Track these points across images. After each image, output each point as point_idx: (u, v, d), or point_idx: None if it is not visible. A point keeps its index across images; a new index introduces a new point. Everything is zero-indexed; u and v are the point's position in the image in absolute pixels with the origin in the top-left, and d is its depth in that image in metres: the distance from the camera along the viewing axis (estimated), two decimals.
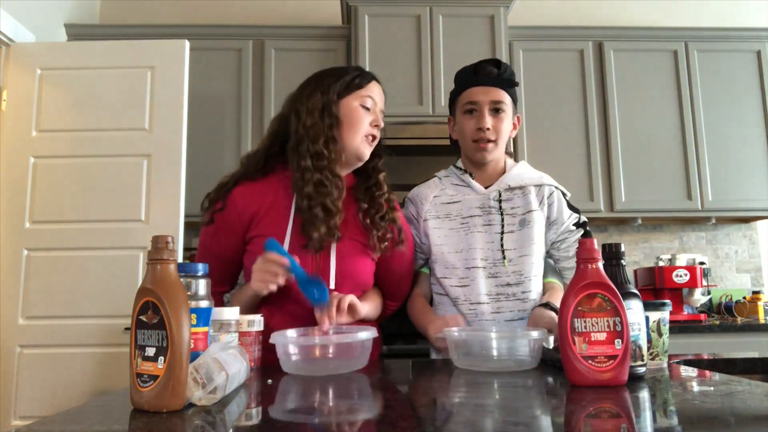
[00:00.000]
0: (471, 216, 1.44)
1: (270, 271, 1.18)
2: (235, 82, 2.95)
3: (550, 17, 3.44)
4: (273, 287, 1.19)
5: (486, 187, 1.47)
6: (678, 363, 1.20)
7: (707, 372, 1.03)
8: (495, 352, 1.07)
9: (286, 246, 1.26)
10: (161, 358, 0.72)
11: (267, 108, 2.93)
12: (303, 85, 1.37)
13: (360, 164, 1.37)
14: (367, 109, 1.33)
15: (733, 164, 3.03)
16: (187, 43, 2.59)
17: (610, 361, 0.86)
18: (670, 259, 2.76)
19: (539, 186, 1.48)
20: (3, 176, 2.48)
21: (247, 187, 1.34)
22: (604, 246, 0.99)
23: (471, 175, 1.49)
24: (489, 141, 1.42)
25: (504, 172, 1.49)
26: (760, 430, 0.62)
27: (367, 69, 2.92)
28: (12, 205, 2.46)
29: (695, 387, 0.89)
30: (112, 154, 2.49)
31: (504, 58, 2.91)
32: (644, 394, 0.82)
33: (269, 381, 0.97)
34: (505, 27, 2.96)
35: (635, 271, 2.93)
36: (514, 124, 1.49)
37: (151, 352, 0.73)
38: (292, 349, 1.05)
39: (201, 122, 2.84)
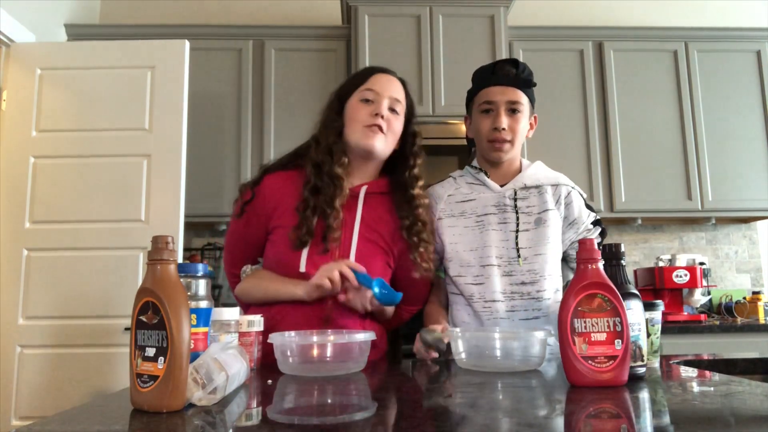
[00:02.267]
0: (486, 214, 1.43)
1: (332, 276, 1.19)
2: (235, 82, 2.95)
3: (550, 17, 3.44)
4: (326, 288, 1.20)
5: (501, 186, 1.46)
6: (678, 363, 1.20)
7: (707, 372, 1.03)
8: (498, 353, 1.07)
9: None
10: (161, 358, 0.72)
11: (267, 108, 2.92)
12: None
13: (376, 158, 1.36)
14: (368, 100, 1.34)
15: (733, 164, 3.03)
16: (187, 43, 2.59)
17: (610, 362, 0.86)
18: (670, 260, 2.76)
19: (555, 186, 1.47)
20: (3, 176, 2.48)
21: (274, 177, 1.39)
22: (604, 246, 0.99)
23: (486, 173, 1.48)
24: (505, 141, 1.41)
25: (520, 171, 1.49)
26: (760, 430, 0.62)
27: None
28: (12, 205, 2.46)
29: (695, 387, 0.89)
30: (112, 154, 2.49)
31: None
32: (644, 394, 0.82)
33: (269, 381, 0.97)
34: (505, 27, 2.96)
35: (635, 272, 2.93)
36: (531, 124, 1.48)
37: (151, 352, 0.73)
38: (290, 351, 1.06)
39: (201, 122, 2.84)
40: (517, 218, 1.42)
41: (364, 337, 1.08)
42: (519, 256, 1.39)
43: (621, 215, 3.00)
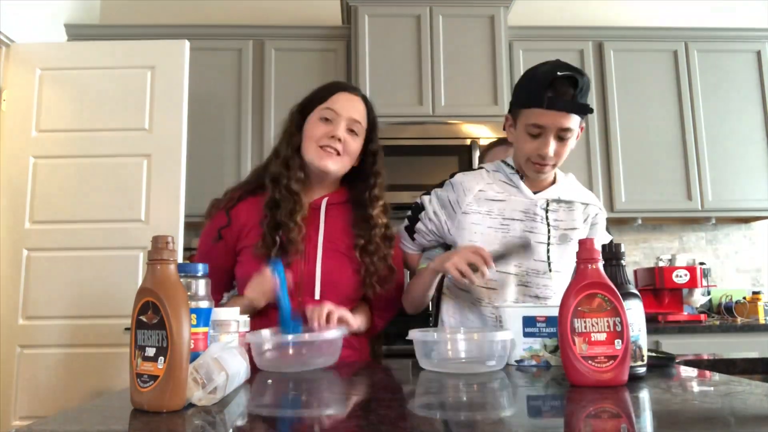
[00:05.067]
0: (512, 219, 1.38)
1: (263, 288, 1.22)
2: (235, 82, 2.95)
3: (550, 17, 3.44)
4: (264, 302, 1.23)
5: (534, 193, 1.40)
6: (678, 363, 1.20)
7: (707, 372, 1.03)
8: (463, 354, 1.06)
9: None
10: (161, 358, 0.72)
11: (267, 108, 2.93)
12: None
13: (332, 177, 1.37)
14: (326, 120, 1.33)
15: (733, 164, 3.03)
16: (187, 43, 2.59)
17: (610, 361, 0.86)
18: (670, 260, 2.77)
19: (586, 205, 1.43)
20: (3, 176, 2.48)
21: (244, 202, 1.38)
22: (604, 246, 0.99)
23: (522, 177, 1.41)
24: (547, 165, 1.34)
25: (554, 181, 1.43)
26: (760, 430, 0.62)
27: (367, 69, 2.90)
28: (12, 205, 2.46)
29: (695, 387, 0.89)
30: (112, 154, 2.49)
31: (504, 58, 2.91)
32: (644, 394, 0.82)
33: (269, 381, 0.98)
34: (505, 27, 2.96)
35: (635, 271, 2.93)
36: (577, 134, 1.38)
37: (151, 352, 0.73)
38: (266, 346, 1.10)
39: (201, 122, 2.84)
40: (549, 231, 1.37)
41: (334, 334, 1.11)
42: (550, 270, 1.35)
43: (621, 215, 3.00)
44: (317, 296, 1.30)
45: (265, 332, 1.13)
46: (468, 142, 2.81)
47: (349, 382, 0.99)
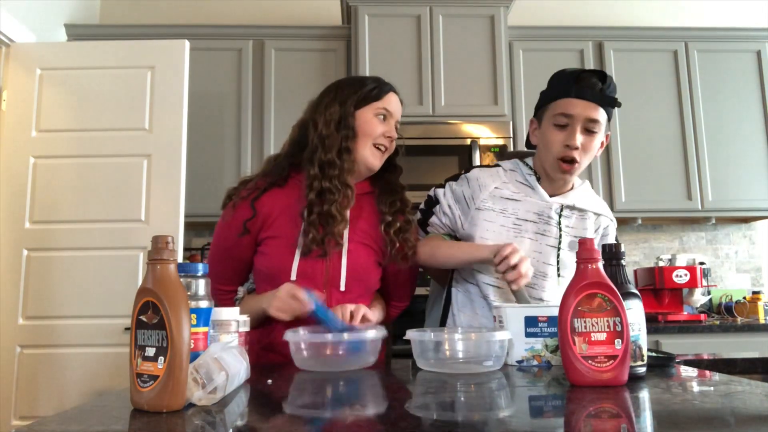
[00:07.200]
0: (526, 220, 1.39)
1: (292, 308, 1.20)
2: (235, 82, 2.95)
3: (550, 17, 3.44)
4: (288, 319, 1.21)
5: (550, 196, 1.40)
6: (678, 363, 1.20)
7: (707, 372, 1.03)
8: (460, 354, 1.06)
9: (298, 249, 1.28)
10: (161, 358, 0.72)
11: (267, 108, 2.93)
12: (322, 93, 1.41)
13: (370, 174, 1.39)
14: (383, 118, 1.36)
15: (733, 164, 3.03)
16: (187, 43, 2.59)
17: (610, 361, 0.86)
18: (670, 259, 2.76)
19: (598, 215, 1.43)
20: (3, 176, 2.48)
21: (268, 193, 1.35)
22: (604, 246, 0.99)
23: (539, 178, 1.41)
24: (575, 161, 1.32)
25: (571, 187, 1.43)
26: (760, 430, 0.62)
27: (367, 69, 2.92)
28: (12, 205, 2.46)
29: (695, 387, 0.89)
30: (112, 154, 2.49)
31: (504, 58, 2.91)
32: (644, 394, 0.82)
33: (269, 381, 0.98)
34: (505, 27, 2.96)
35: (635, 271, 2.93)
36: (602, 142, 1.38)
37: (151, 352, 0.73)
38: (304, 346, 1.10)
39: (201, 122, 2.84)
40: (560, 235, 1.38)
41: (376, 334, 1.12)
42: (559, 275, 1.37)
43: (621, 215, 3.00)
44: (342, 287, 1.30)
45: (303, 330, 1.14)
46: (468, 142, 2.81)
47: (348, 382, 0.99)
